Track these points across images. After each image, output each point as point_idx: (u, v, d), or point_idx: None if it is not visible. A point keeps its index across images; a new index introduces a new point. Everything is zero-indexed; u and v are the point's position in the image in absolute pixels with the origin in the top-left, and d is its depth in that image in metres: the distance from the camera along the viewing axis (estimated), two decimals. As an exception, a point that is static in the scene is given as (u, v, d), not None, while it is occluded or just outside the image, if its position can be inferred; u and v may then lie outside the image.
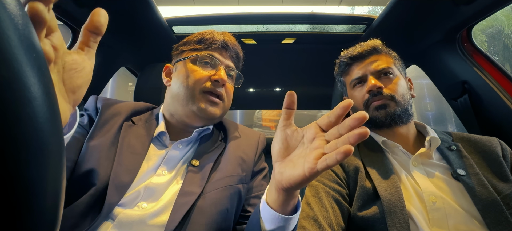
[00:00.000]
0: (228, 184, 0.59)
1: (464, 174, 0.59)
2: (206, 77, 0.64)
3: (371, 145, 0.72)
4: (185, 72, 0.65)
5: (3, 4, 0.15)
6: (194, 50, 0.68)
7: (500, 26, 5.73)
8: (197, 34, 0.70)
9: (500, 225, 0.51)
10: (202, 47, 0.68)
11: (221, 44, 0.68)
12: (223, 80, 0.64)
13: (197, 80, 0.64)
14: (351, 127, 0.34)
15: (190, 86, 0.63)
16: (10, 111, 0.15)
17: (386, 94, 0.70)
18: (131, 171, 0.55)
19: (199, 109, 0.63)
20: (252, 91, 1.67)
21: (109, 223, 0.49)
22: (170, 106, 0.68)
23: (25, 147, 0.15)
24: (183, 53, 0.70)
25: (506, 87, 0.88)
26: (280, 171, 0.39)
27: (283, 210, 0.42)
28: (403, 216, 0.54)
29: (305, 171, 0.35)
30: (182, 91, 0.64)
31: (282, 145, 0.41)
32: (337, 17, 1.11)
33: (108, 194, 0.50)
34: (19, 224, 0.16)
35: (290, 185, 0.38)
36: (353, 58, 0.77)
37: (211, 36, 0.68)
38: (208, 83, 0.64)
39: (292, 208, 0.43)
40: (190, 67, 0.65)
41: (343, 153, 0.31)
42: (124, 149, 0.57)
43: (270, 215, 0.43)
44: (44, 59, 0.18)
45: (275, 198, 0.42)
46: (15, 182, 0.15)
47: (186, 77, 0.65)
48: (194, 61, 0.66)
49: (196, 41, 0.68)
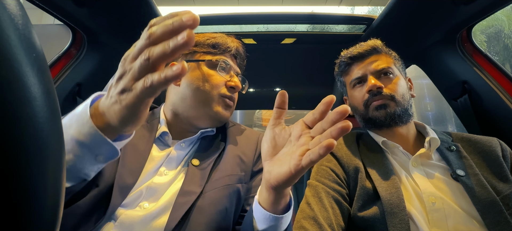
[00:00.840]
0: (227, 184, 0.59)
1: (463, 175, 0.59)
2: (223, 83, 0.67)
3: (371, 145, 0.72)
4: (202, 75, 0.66)
5: (3, 4, 0.15)
6: (209, 54, 0.68)
7: (500, 26, 5.72)
8: (208, 36, 0.70)
9: (499, 226, 0.51)
10: (217, 51, 0.69)
11: (235, 51, 0.71)
12: (239, 87, 0.68)
13: (216, 85, 0.66)
14: (334, 121, 0.34)
15: (208, 91, 0.65)
16: (10, 112, 0.15)
17: (386, 94, 0.70)
18: (135, 172, 0.55)
19: (215, 113, 0.65)
20: (252, 91, 1.67)
21: (111, 223, 0.49)
22: (177, 107, 0.67)
23: (25, 147, 0.15)
24: (195, 54, 0.70)
25: (506, 87, 0.88)
26: (268, 170, 0.40)
27: (274, 209, 0.43)
28: (404, 217, 0.54)
29: (290, 168, 0.36)
30: (198, 95, 0.65)
31: (270, 143, 0.41)
32: (337, 17, 1.11)
33: (113, 196, 0.50)
34: (19, 224, 0.16)
35: (278, 183, 0.38)
36: (353, 58, 0.77)
37: (225, 41, 0.70)
38: (224, 88, 0.67)
39: (283, 207, 0.44)
40: (207, 71, 0.66)
41: (326, 147, 0.31)
42: (127, 150, 0.57)
43: (261, 214, 0.44)
44: (44, 59, 0.18)
45: (265, 197, 0.43)
46: (15, 182, 0.15)
47: (203, 80, 0.65)
48: (212, 65, 0.67)
49: (210, 44, 0.69)
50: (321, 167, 0.69)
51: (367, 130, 0.79)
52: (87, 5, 0.79)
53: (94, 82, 1.02)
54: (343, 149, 0.72)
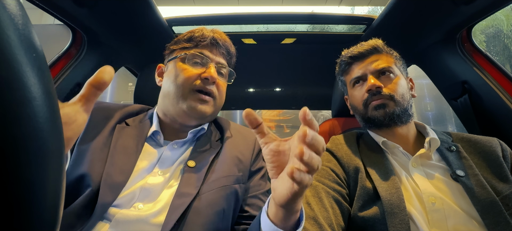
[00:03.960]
0: (224, 185, 0.59)
1: (463, 175, 0.59)
2: (196, 76, 0.64)
3: (371, 145, 0.72)
4: (175, 71, 0.65)
5: (3, 4, 0.15)
6: (184, 49, 0.68)
7: (499, 26, 5.72)
8: (187, 32, 0.70)
9: (499, 226, 0.51)
10: (192, 45, 0.67)
11: (210, 41, 0.68)
12: (213, 77, 0.64)
13: (187, 78, 0.63)
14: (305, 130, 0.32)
15: (180, 85, 0.63)
16: (10, 111, 0.15)
17: (385, 94, 0.70)
18: (125, 171, 0.55)
19: (189, 108, 0.63)
20: (252, 91, 1.67)
21: (105, 224, 0.49)
22: (162, 106, 0.68)
23: (25, 147, 0.15)
24: (173, 52, 0.70)
25: (506, 87, 0.88)
26: (273, 188, 0.38)
27: (283, 224, 0.40)
28: (404, 217, 0.54)
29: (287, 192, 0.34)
30: (172, 90, 0.64)
31: (271, 164, 0.39)
32: (337, 17, 1.11)
33: (100, 193, 0.50)
34: (19, 224, 0.16)
35: (283, 201, 0.36)
36: (354, 58, 0.77)
37: (200, 33, 0.68)
38: (198, 81, 0.64)
39: (293, 223, 0.41)
40: (180, 66, 0.65)
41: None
42: (117, 149, 0.57)
43: (270, 228, 0.41)
44: (44, 59, 0.18)
45: (274, 212, 0.41)
46: (15, 182, 0.15)
47: (175, 76, 0.64)
48: (184, 59, 0.66)
49: (186, 39, 0.68)
50: (321, 167, 0.69)
51: (367, 129, 0.79)
52: (87, 5, 0.79)
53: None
54: (343, 149, 0.72)
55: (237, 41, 0.75)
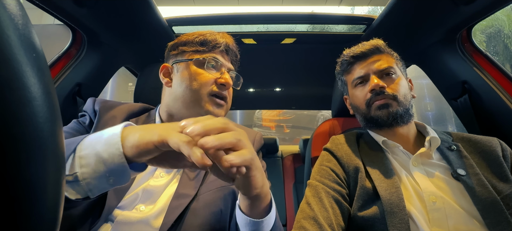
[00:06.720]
0: (221, 185, 0.59)
1: (464, 174, 0.59)
2: (212, 81, 0.65)
3: (372, 144, 0.72)
4: (190, 74, 0.65)
5: (3, 4, 0.15)
6: (197, 52, 0.67)
7: (500, 26, 5.72)
8: (197, 34, 0.69)
9: (500, 225, 0.51)
10: (206, 49, 0.67)
11: (224, 47, 0.69)
12: (229, 84, 0.66)
13: (204, 83, 0.64)
14: None
15: (197, 90, 0.63)
16: (10, 111, 0.15)
17: (389, 94, 0.70)
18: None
19: (207, 112, 0.64)
20: (252, 91, 1.67)
21: (108, 224, 0.49)
22: (171, 108, 0.67)
23: (25, 147, 0.15)
24: (184, 54, 0.69)
25: (506, 87, 0.88)
26: (235, 185, 0.42)
27: (253, 213, 0.45)
28: (403, 216, 0.54)
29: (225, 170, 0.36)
30: (188, 94, 0.64)
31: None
32: (337, 17, 1.11)
33: (108, 198, 0.50)
34: (19, 224, 0.16)
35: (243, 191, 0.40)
36: (356, 57, 0.77)
37: (214, 38, 0.68)
38: (214, 86, 0.65)
39: (262, 210, 0.45)
40: (195, 70, 0.65)
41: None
42: None
43: (243, 219, 0.46)
44: (44, 59, 0.18)
45: (243, 203, 0.45)
46: (15, 182, 0.15)
47: (191, 80, 0.64)
48: (200, 64, 0.66)
49: (199, 42, 0.68)
50: (321, 167, 0.69)
51: (367, 129, 0.79)
52: (87, 5, 0.79)
53: (94, 82, 1.02)
54: (343, 148, 0.72)
55: (237, 41, 0.75)
